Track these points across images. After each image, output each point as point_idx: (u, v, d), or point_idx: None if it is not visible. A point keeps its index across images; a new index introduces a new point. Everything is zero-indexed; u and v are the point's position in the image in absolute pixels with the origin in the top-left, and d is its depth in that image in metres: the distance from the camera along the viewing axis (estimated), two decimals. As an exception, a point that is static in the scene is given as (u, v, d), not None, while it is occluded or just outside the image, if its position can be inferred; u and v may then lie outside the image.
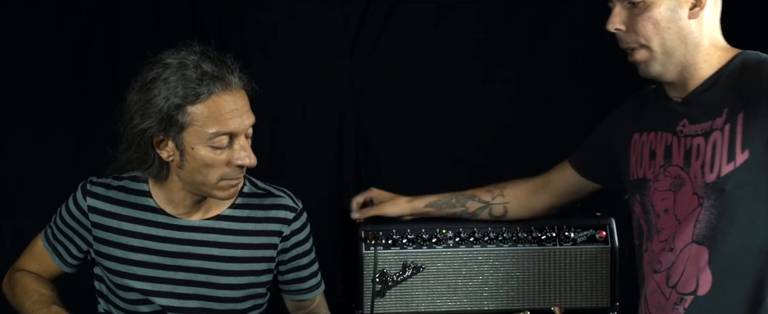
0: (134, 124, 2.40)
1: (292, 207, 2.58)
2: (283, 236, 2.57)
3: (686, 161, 2.37)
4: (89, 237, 2.56)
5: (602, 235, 3.07)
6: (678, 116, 2.42)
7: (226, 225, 2.54)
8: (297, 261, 2.61)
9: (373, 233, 2.98)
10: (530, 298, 3.04)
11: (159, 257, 2.52)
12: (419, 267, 3.01)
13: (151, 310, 2.55)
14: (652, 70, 2.40)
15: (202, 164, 2.40)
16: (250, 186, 2.58)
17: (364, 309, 2.99)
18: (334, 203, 3.90)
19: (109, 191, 2.55)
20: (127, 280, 2.53)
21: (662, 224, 2.44)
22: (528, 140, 3.96)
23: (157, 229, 2.52)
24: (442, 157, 3.94)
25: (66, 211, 2.58)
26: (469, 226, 3.03)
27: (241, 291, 2.56)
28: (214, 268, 2.53)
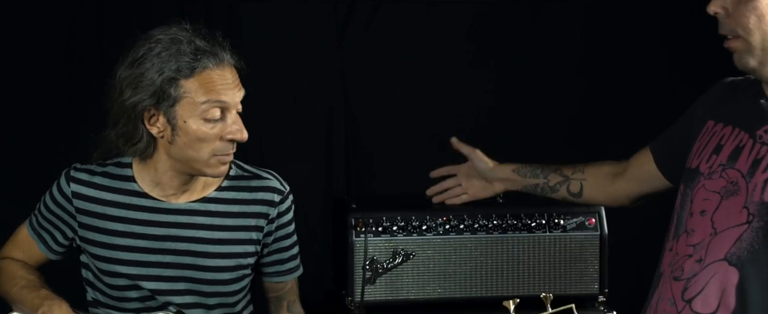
0: (124, 98, 2.39)
1: (279, 190, 2.58)
2: (270, 218, 2.57)
3: (752, 170, 2.13)
4: (74, 224, 2.55)
5: (591, 223, 3.08)
6: (765, 119, 2.19)
7: (212, 207, 2.54)
8: (280, 243, 2.61)
9: (363, 220, 2.98)
10: (520, 285, 3.05)
11: (145, 241, 2.52)
12: (409, 255, 3.01)
13: (139, 295, 2.54)
14: (748, 63, 2.16)
15: (194, 138, 2.39)
16: (236, 169, 2.58)
17: (354, 296, 2.99)
18: (323, 191, 3.90)
19: (93, 177, 2.54)
20: (114, 266, 2.53)
21: (694, 225, 2.20)
22: (523, 130, 3.96)
23: (142, 213, 2.52)
24: (432, 146, 3.94)
25: (50, 198, 2.57)
26: (459, 213, 3.04)
27: (229, 273, 2.56)
28: (201, 251, 2.53)
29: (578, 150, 3.79)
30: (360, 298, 2.97)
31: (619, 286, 3.24)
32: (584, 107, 3.99)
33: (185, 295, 2.54)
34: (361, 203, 3.08)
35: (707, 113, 2.35)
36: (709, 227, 2.15)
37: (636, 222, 3.82)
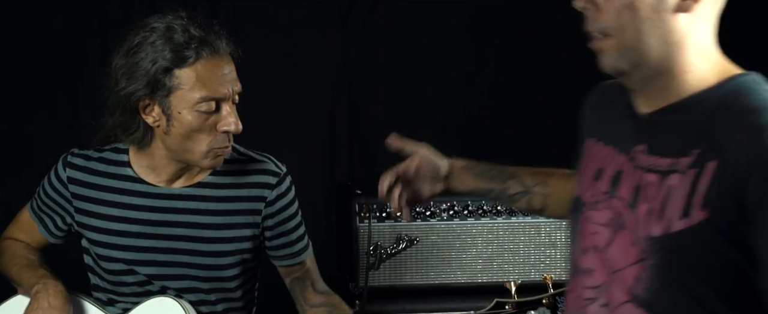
0: (120, 87, 2.38)
1: (275, 172, 2.56)
2: (268, 201, 2.54)
3: (634, 199, 1.81)
4: (71, 209, 2.55)
5: (595, 208, 3.08)
6: (637, 137, 1.84)
7: (207, 192, 2.53)
8: (283, 225, 2.58)
9: (367, 206, 2.98)
10: (524, 271, 3.06)
11: (140, 226, 2.51)
12: (413, 240, 3.02)
13: (135, 280, 2.54)
14: (619, 66, 1.81)
15: (189, 129, 2.38)
16: (231, 152, 2.57)
17: (358, 282, 3.01)
18: (326, 176, 3.90)
19: (88, 162, 2.54)
20: (110, 250, 2.52)
21: (589, 263, 1.89)
22: (524, 121, 3.96)
23: (137, 198, 2.51)
24: (433, 132, 3.94)
25: (48, 183, 2.57)
26: (463, 199, 3.05)
27: (227, 258, 2.54)
28: (198, 235, 2.51)
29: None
30: (364, 284, 2.98)
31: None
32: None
33: (181, 280, 2.54)
34: (365, 189, 3.09)
35: (588, 129, 1.99)
36: (605, 267, 1.85)
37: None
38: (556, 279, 3.00)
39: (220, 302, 2.57)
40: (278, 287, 2.75)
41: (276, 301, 2.79)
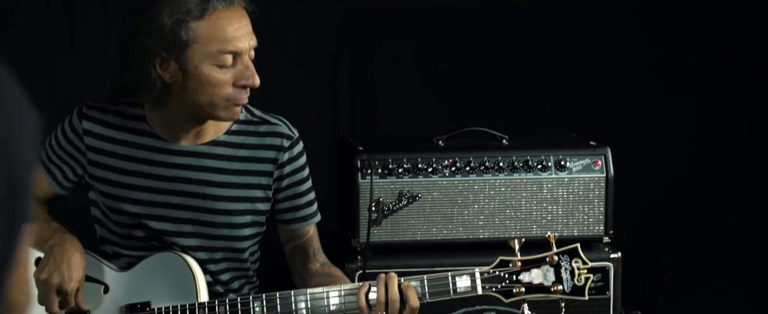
0: (136, 43, 2.38)
1: (288, 135, 2.57)
2: (279, 163, 2.56)
3: None
4: (83, 161, 2.56)
5: (597, 165, 3.08)
6: None
7: (221, 150, 2.54)
8: (293, 189, 2.60)
9: (369, 162, 2.98)
10: (525, 227, 3.06)
11: (153, 181, 2.52)
12: (415, 196, 3.02)
13: (144, 235, 2.55)
14: None
15: (205, 83, 2.38)
16: (246, 113, 2.57)
17: (359, 238, 3.01)
18: (328, 131, 3.89)
19: (104, 115, 2.54)
20: (121, 204, 2.54)
21: None
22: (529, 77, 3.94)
23: (151, 153, 2.52)
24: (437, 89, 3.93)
25: (61, 134, 2.57)
26: (465, 155, 3.04)
27: (237, 217, 2.56)
28: (209, 193, 2.53)
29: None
30: (366, 240, 2.98)
31: (623, 228, 3.25)
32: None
33: (191, 238, 2.55)
34: (367, 145, 3.08)
35: None
36: None
37: (641, 163, 3.82)
38: (558, 235, 3.03)
39: (225, 261, 2.59)
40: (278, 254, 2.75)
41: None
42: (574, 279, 2.33)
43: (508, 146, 3.12)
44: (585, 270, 2.33)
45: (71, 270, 2.42)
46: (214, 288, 2.58)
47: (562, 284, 2.33)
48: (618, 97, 3.90)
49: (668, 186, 3.92)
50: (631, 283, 3.36)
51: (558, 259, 2.33)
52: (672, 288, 3.96)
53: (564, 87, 3.91)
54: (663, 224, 3.94)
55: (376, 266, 2.95)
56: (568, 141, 3.24)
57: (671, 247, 3.95)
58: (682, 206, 3.93)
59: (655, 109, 3.91)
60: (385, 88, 3.90)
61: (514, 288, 2.33)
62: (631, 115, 3.90)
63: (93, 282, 2.49)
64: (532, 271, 2.33)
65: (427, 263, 2.98)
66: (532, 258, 2.33)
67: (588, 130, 3.41)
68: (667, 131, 3.91)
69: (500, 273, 2.34)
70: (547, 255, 2.34)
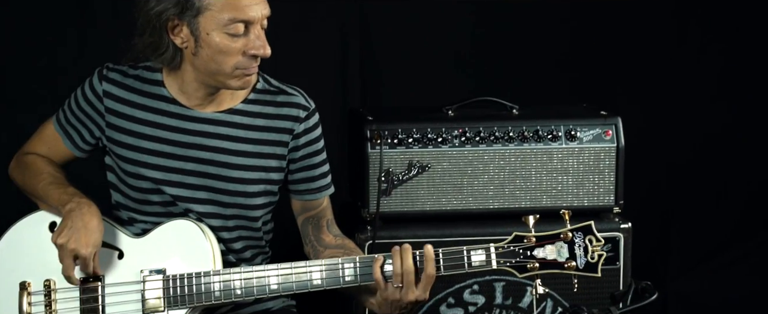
0: (149, 7, 2.39)
1: (304, 106, 2.58)
2: (295, 134, 2.57)
3: None
4: (102, 123, 2.57)
5: (608, 134, 3.07)
6: None
7: (237, 119, 2.55)
8: (308, 160, 2.61)
9: (379, 132, 2.97)
10: (535, 197, 3.06)
11: (170, 146, 2.54)
12: (425, 167, 3.01)
13: (160, 200, 2.57)
14: None
15: (216, 51, 2.39)
16: (263, 83, 2.58)
17: (369, 208, 3.01)
18: (340, 105, 3.88)
19: (125, 78, 2.56)
20: (138, 168, 2.55)
21: None
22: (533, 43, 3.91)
23: (169, 119, 2.54)
24: (447, 59, 3.91)
25: (81, 95, 2.59)
26: (475, 125, 3.03)
27: (251, 186, 2.57)
28: (224, 161, 2.54)
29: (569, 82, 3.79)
30: (376, 210, 2.98)
31: (634, 198, 3.24)
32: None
33: (205, 204, 2.56)
34: (377, 115, 3.07)
35: None
36: None
37: (653, 133, 3.81)
38: (566, 205, 3.03)
39: (238, 229, 2.60)
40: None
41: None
42: (587, 255, 2.34)
43: (518, 116, 3.10)
44: (598, 247, 2.34)
45: (88, 236, 2.42)
46: (227, 257, 2.59)
47: (575, 260, 2.34)
48: (630, 67, 3.88)
49: (680, 157, 3.91)
50: (642, 254, 3.36)
51: (572, 236, 2.35)
52: (683, 259, 3.96)
53: (576, 57, 3.89)
54: (674, 195, 3.93)
55: (386, 236, 2.96)
56: (579, 111, 3.22)
57: (682, 218, 3.94)
58: (693, 177, 3.92)
59: (667, 79, 3.89)
60: (396, 58, 3.88)
61: (528, 264, 2.35)
62: (643, 84, 3.88)
63: (108, 248, 2.50)
64: (546, 247, 2.35)
65: (437, 233, 2.98)
66: (546, 234, 2.35)
67: (599, 100, 3.40)
68: (679, 101, 3.88)
69: (515, 248, 2.36)
70: (562, 232, 2.35)
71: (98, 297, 2.47)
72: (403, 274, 2.35)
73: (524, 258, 2.35)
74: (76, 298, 2.47)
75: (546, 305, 3.07)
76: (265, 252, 2.70)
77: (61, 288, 2.48)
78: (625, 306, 2.98)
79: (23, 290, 2.49)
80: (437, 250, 2.38)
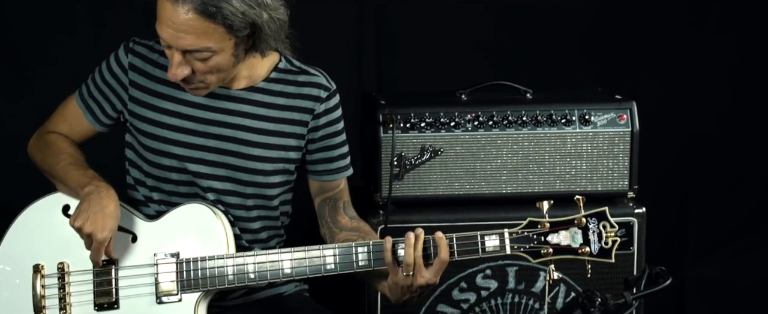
0: None
1: (325, 86, 2.59)
2: (315, 114, 2.58)
3: None
4: (125, 96, 2.59)
5: (622, 119, 3.04)
6: None
7: (259, 97, 2.56)
8: (327, 140, 2.61)
9: (391, 116, 2.96)
10: (548, 182, 3.04)
11: (191, 123, 2.55)
12: (437, 151, 3.00)
13: (179, 178, 2.58)
14: None
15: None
16: (285, 62, 2.60)
17: (381, 193, 3.00)
18: (355, 88, 3.87)
19: (151, 53, 2.58)
20: (159, 143, 2.57)
21: None
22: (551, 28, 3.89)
23: (191, 95, 2.55)
24: (464, 42, 3.89)
25: (106, 68, 2.61)
26: (488, 109, 3.01)
27: (270, 165, 2.58)
28: (245, 139, 2.55)
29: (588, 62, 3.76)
30: (388, 194, 2.97)
31: (649, 183, 3.22)
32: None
33: (224, 181, 2.57)
34: (390, 99, 3.06)
35: None
36: None
37: (669, 117, 3.78)
38: (580, 190, 3.02)
39: (256, 208, 2.61)
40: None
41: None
42: (601, 241, 2.34)
43: (532, 100, 3.09)
44: (612, 233, 2.35)
45: (105, 220, 2.42)
46: (243, 238, 2.60)
47: (589, 246, 2.34)
48: (648, 51, 3.85)
49: (696, 141, 3.88)
50: (657, 239, 3.35)
51: (586, 222, 2.34)
52: (698, 245, 3.93)
53: (595, 42, 3.86)
54: (690, 179, 3.90)
55: (398, 221, 2.95)
56: (594, 95, 3.20)
57: (698, 203, 3.92)
58: (709, 161, 3.89)
59: (683, 63, 3.86)
60: (413, 42, 3.87)
61: (542, 249, 2.35)
62: (659, 68, 3.85)
63: (121, 231, 2.49)
64: (560, 232, 2.35)
65: (449, 218, 2.98)
66: (560, 220, 2.34)
67: (618, 85, 3.38)
68: (695, 85, 3.85)
69: (529, 234, 2.35)
70: (576, 217, 2.34)
71: (111, 280, 2.48)
72: (415, 259, 2.35)
73: (538, 244, 2.35)
74: (89, 281, 2.48)
75: (559, 290, 3.06)
76: (281, 235, 2.70)
77: (74, 271, 2.49)
78: (638, 291, 2.97)
79: (36, 273, 2.49)
80: (451, 235, 2.37)
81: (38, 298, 2.48)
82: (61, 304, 2.48)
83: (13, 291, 2.51)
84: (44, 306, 2.49)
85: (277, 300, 2.67)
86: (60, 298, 2.49)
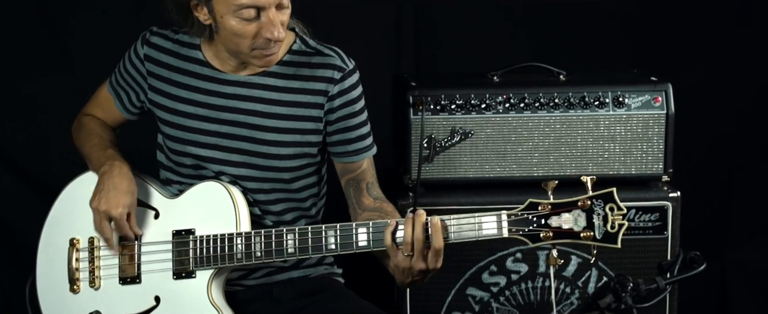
0: None
1: (340, 67, 2.57)
2: (330, 96, 2.56)
3: None
4: (145, 86, 2.64)
5: (657, 101, 2.98)
6: None
7: (271, 81, 2.56)
8: (344, 122, 2.59)
9: (421, 98, 2.94)
10: (581, 165, 3.00)
11: (205, 109, 2.58)
12: (468, 133, 2.98)
13: (194, 162, 2.62)
14: None
15: (231, 33, 2.44)
16: (300, 44, 2.58)
17: (411, 175, 2.98)
18: (394, 69, 3.85)
19: (166, 42, 2.62)
20: (176, 131, 2.61)
21: None
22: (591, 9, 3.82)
23: (203, 82, 2.58)
24: (503, 24, 3.85)
25: (127, 58, 2.67)
26: (520, 91, 2.98)
27: (287, 149, 2.58)
28: (258, 124, 2.56)
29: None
30: (417, 177, 2.95)
31: (686, 166, 3.16)
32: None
33: (239, 167, 2.59)
34: (420, 81, 3.04)
35: None
36: None
37: (707, 99, 3.70)
38: (613, 174, 2.97)
39: (275, 192, 2.61)
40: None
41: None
42: (606, 225, 2.23)
43: (565, 82, 3.04)
44: (619, 216, 2.22)
45: (118, 197, 2.50)
46: (265, 219, 2.61)
47: (593, 230, 2.23)
48: (684, 32, 3.77)
49: (734, 124, 3.79)
50: (694, 224, 3.28)
51: (591, 204, 2.23)
52: (736, 230, 3.85)
53: (635, 24, 3.79)
54: (733, 162, 3.81)
55: (427, 203, 2.93)
56: (628, 76, 3.15)
57: (736, 188, 3.83)
58: (754, 144, 3.80)
59: (722, 43, 3.77)
60: (452, 23, 3.84)
61: (542, 232, 2.25)
62: (697, 49, 3.77)
63: (146, 208, 2.58)
64: (562, 215, 2.24)
65: (479, 201, 2.95)
66: (562, 201, 2.24)
67: (652, 66, 3.32)
68: (733, 66, 3.76)
69: (528, 216, 2.26)
70: (579, 199, 2.24)
71: (135, 256, 2.56)
72: (412, 243, 2.32)
73: (538, 227, 2.25)
74: (115, 255, 2.57)
75: (591, 274, 3.02)
76: (311, 216, 2.70)
77: (103, 246, 2.58)
78: (672, 276, 2.92)
79: (72, 247, 2.60)
80: (447, 219, 2.32)
81: (72, 270, 2.59)
82: (90, 277, 2.59)
83: (55, 263, 2.62)
84: (77, 278, 2.59)
85: (300, 282, 2.68)
86: (90, 271, 2.58)
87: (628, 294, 2.74)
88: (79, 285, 2.58)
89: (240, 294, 2.63)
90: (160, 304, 2.52)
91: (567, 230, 2.25)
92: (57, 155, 3.61)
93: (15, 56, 3.67)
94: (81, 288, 2.58)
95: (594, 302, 2.76)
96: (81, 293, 2.58)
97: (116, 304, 2.55)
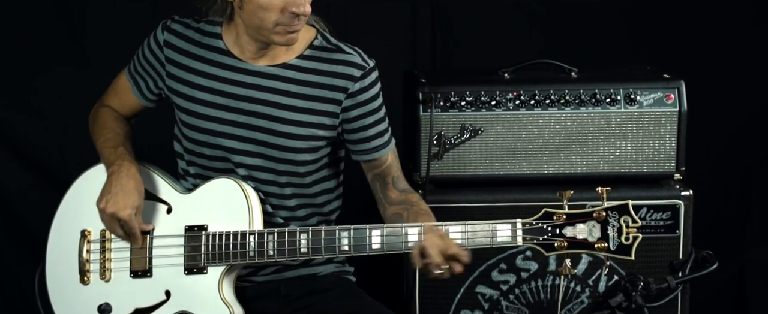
0: None
1: (360, 65, 2.57)
2: (349, 93, 2.56)
3: None
4: (163, 72, 2.65)
5: (670, 98, 2.96)
6: None
7: (290, 74, 2.57)
8: (362, 120, 2.60)
9: (430, 95, 2.93)
10: (592, 163, 2.98)
11: (223, 98, 2.58)
12: (477, 130, 2.96)
13: (212, 153, 2.62)
14: None
15: (257, 6, 2.44)
16: (321, 39, 2.59)
17: (421, 172, 2.98)
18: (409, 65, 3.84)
19: (186, 30, 2.63)
20: (194, 119, 2.61)
21: None
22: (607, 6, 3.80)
23: (223, 71, 2.59)
24: (519, 19, 3.83)
25: (146, 44, 2.68)
26: (530, 88, 2.96)
27: (302, 142, 2.58)
28: (275, 115, 2.57)
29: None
30: (426, 174, 2.95)
31: (700, 165, 3.13)
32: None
33: (255, 157, 2.59)
34: (430, 77, 3.03)
35: None
36: None
37: (720, 97, 3.66)
38: (624, 172, 2.95)
39: (290, 186, 2.62)
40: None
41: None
42: (621, 237, 2.23)
43: (576, 79, 3.02)
44: (634, 229, 2.22)
45: (126, 198, 2.51)
46: (278, 214, 2.62)
47: (607, 241, 2.24)
48: (697, 29, 3.74)
49: (751, 121, 3.75)
50: (711, 223, 3.25)
51: (606, 215, 2.23)
52: (755, 230, 3.81)
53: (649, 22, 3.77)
54: (746, 162, 3.78)
55: (437, 201, 2.92)
56: (641, 73, 3.12)
57: (754, 186, 3.80)
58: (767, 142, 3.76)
59: (735, 40, 3.73)
60: (467, 20, 3.83)
61: (556, 242, 2.26)
62: (711, 46, 3.73)
63: (158, 202, 2.59)
64: (576, 225, 2.25)
65: (489, 198, 2.94)
66: (578, 212, 2.24)
67: (666, 63, 3.29)
68: (747, 63, 3.72)
69: (543, 225, 2.26)
70: (595, 210, 2.24)
71: (146, 250, 2.56)
72: (431, 261, 2.35)
73: (552, 236, 2.26)
74: (127, 249, 2.58)
75: (601, 272, 2.99)
76: (322, 213, 2.70)
77: (115, 238, 2.59)
78: (683, 275, 2.90)
79: (83, 238, 2.61)
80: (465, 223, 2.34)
81: (83, 262, 2.60)
82: (101, 269, 2.59)
83: (65, 254, 2.62)
84: (88, 269, 2.60)
85: (308, 279, 2.68)
86: (101, 263, 2.60)
87: (638, 293, 2.72)
88: (90, 276, 2.59)
89: (248, 290, 2.63)
90: (171, 299, 2.54)
91: (581, 241, 2.25)
92: (72, 148, 3.63)
93: (31, 50, 3.70)
94: (91, 280, 2.59)
95: (604, 301, 2.75)
96: (91, 285, 2.59)
97: (126, 297, 2.56)
